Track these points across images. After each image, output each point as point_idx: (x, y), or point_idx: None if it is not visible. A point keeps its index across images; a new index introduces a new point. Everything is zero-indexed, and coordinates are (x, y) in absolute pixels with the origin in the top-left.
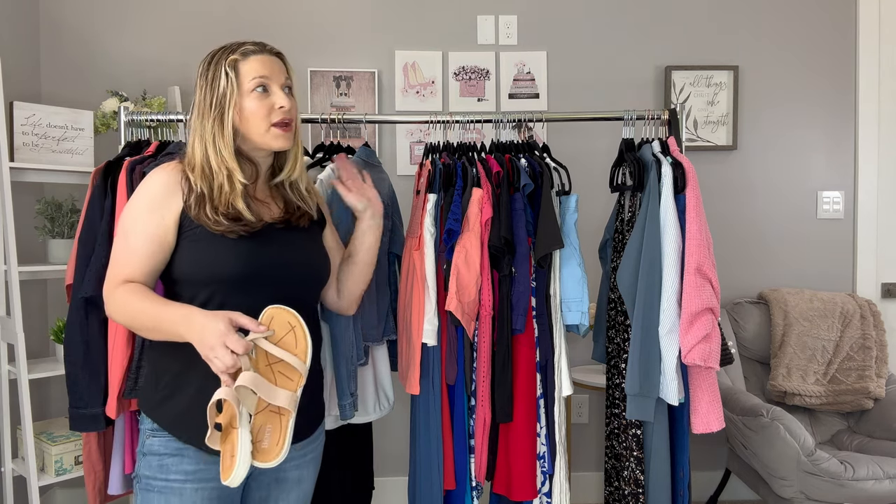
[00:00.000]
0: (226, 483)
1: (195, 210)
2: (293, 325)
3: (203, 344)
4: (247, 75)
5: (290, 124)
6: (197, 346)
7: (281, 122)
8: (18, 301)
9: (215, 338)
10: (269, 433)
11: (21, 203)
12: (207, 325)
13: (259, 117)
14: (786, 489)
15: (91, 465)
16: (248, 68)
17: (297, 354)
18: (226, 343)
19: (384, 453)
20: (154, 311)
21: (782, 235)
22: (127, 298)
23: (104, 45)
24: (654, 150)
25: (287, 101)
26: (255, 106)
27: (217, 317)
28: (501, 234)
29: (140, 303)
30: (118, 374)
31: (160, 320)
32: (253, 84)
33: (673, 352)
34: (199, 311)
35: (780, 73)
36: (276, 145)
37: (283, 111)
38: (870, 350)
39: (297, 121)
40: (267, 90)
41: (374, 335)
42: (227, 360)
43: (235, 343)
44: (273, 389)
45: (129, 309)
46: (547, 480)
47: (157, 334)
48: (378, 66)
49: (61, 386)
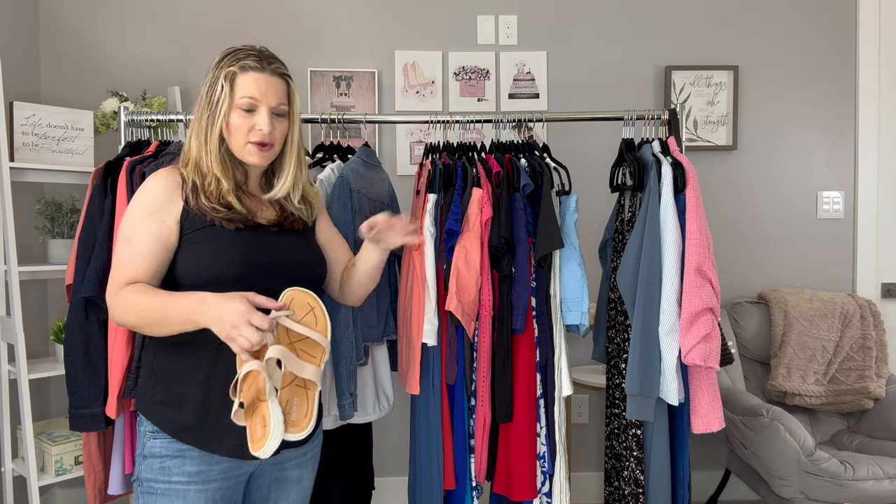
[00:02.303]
0: (257, 454)
1: (193, 200)
2: (312, 307)
3: (224, 324)
4: (239, 91)
5: (269, 146)
6: (216, 327)
7: (258, 142)
8: (18, 301)
9: (238, 316)
10: (296, 406)
11: (21, 203)
12: (226, 306)
13: (240, 133)
14: (786, 489)
15: (91, 465)
16: (241, 84)
17: (319, 331)
18: (250, 321)
19: (384, 453)
20: (163, 304)
21: (782, 235)
22: (132, 297)
23: (104, 45)
24: (654, 150)
25: (268, 125)
26: (239, 122)
27: (234, 297)
28: (501, 234)
29: (148, 299)
30: (118, 374)
31: (170, 311)
32: (241, 102)
33: (673, 352)
34: (212, 294)
35: (780, 73)
36: (250, 160)
37: (261, 134)
38: (870, 350)
39: (295, 139)
40: (253, 110)
41: (373, 335)
42: (254, 337)
43: (260, 320)
44: (300, 363)
45: (135, 307)
46: (547, 480)
47: (165, 328)
48: (378, 66)
49: (61, 386)
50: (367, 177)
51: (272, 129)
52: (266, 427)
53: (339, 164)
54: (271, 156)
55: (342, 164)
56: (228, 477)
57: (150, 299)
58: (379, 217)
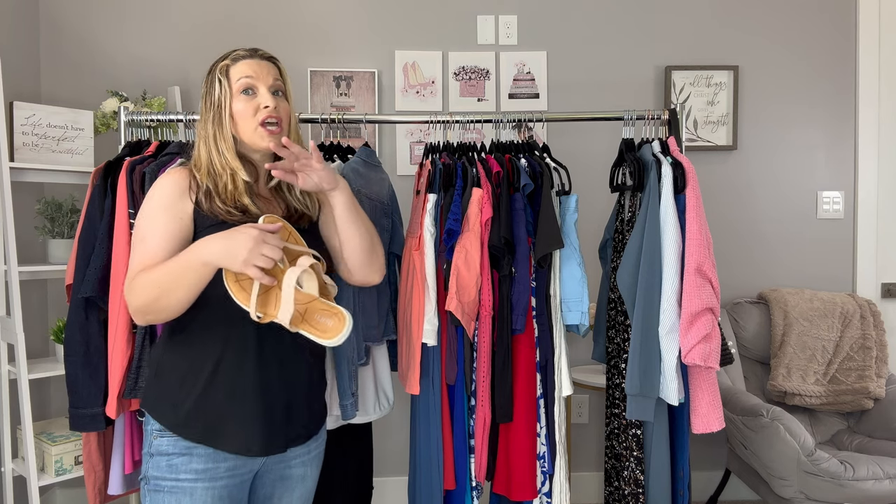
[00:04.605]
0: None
1: (206, 204)
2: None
3: (240, 251)
4: (234, 77)
5: (278, 125)
6: (231, 259)
7: (266, 120)
8: (18, 301)
9: (252, 241)
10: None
11: (21, 203)
12: (235, 237)
13: (247, 117)
14: (786, 489)
15: (91, 465)
16: (236, 71)
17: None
18: (265, 240)
19: (384, 453)
20: (170, 266)
21: (782, 235)
22: (144, 275)
23: (104, 45)
24: (654, 150)
25: (272, 101)
26: (242, 106)
27: (239, 229)
28: (501, 234)
29: (156, 270)
30: (118, 374)
31: (179, 268)
32: (239, 86)
33: (673, 352)
34: (213, 234)
35: (781, 73)
36: (262, 144)
37: (267, 110)
38: (870, 350)
39: (292, 124)
40: (253, 91)
41: (373, 335)
42: (275, 254)
43: (274, 238)
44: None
45: (149, 281)
46: (547, 480)
47: (183, 289)
48: (378, 66)
49: (61, 386)
50: (367, 177)
51: (277, 105)
52: (336, 314)
53: (340, 164)
54: (282, 135)
55: (342, 164)
56: (235, 475)
57: (158, 269)
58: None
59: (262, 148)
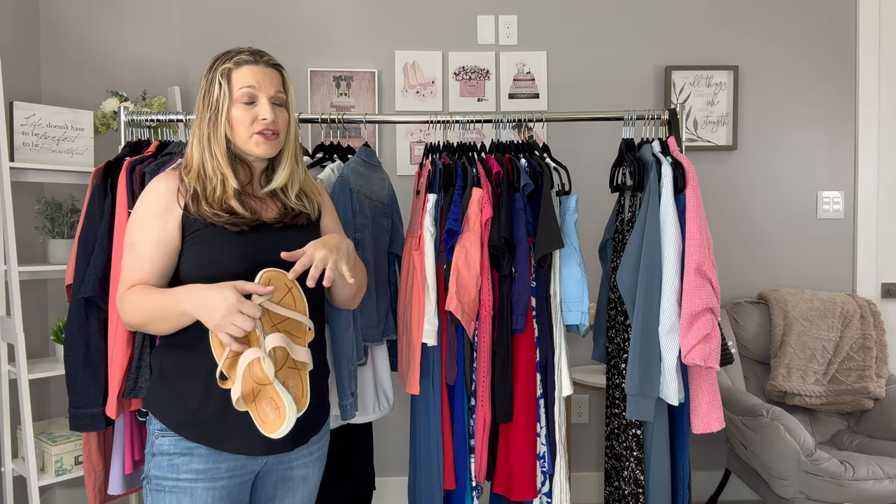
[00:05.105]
0: (274, 435)
1: (194, 207)
2: (290, 287)
3: (215, 313)
4: (236, 84)
5: (275, 134)
6: (206, 318)
7: (262, 131)
8: (18, 301)
9: (227, 305)
10: (292, 387)
11: (21, 203)
12: (215, 295)
13: (244, 125)
14: (786, 489)
15: (91, 465)
16: (238, 77)
17: (299, 311)
18: (241, 309)
19: (384, 453)
20: (158, 300)
21: (782, 235)
22: (134, 298)
23: (104, 45)
24: (654, 150)
25: (270, 113)
26: (241, 115)
27: (221, 287)
28: (501, 234)
29: (146, 297)
30: (118, 374)
31: (165, 306)
32: (240, 95)
33: (673, 352)
34: (200, 285)
35: (780, 73)
36: (257, 152)
37: (264, 122)
38: (870, 350)
39: (292, 131)
40: (253, 101)
41: (373, 335)
42: (246, 325)
43: (250, 308)
44: (293, 346)
45: (137, 306)
46: (547, 480)
47: (166, 323)
48: (378, 66)
49: (61, 386)
50: (367, 177)
51: (275, 118)
52: (279, 408)
53: (339, 164)
54: (278, 145)
55: (342, 164)
56: (235, 475)
57: (148, 297)
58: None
59: (255, 154)
